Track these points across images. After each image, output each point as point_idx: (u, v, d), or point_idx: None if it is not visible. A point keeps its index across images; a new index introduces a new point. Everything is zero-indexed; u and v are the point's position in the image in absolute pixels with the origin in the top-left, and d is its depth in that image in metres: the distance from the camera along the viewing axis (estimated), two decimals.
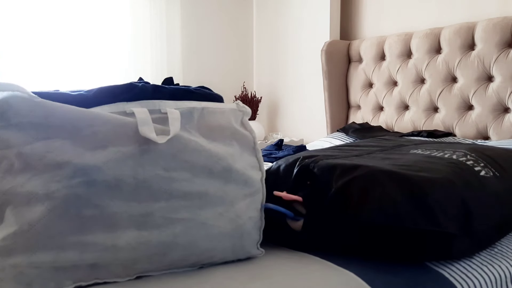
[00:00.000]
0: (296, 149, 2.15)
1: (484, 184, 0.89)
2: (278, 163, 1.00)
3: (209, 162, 0.77)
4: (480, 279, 0.82)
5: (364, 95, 2.44)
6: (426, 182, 0.82)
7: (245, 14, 3.15)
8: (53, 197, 0.65)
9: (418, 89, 2.16)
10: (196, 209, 0.75)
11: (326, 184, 0.85)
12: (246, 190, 0.82)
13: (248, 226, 0.81)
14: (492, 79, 1.90)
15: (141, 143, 0.72)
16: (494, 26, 1.85)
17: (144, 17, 2.66)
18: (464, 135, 1.98)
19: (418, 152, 1.04)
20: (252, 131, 0.89)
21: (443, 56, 2.04)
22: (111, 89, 0.77)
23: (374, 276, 0.76)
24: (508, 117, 1.85)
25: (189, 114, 0.80)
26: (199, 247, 0.75)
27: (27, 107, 0.67)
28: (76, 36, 2.47)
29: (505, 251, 0.92)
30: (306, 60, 2.77)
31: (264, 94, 3.12)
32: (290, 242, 0.90)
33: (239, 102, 0.90)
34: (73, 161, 0.67)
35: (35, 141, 0.66)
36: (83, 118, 0.70)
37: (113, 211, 0.68)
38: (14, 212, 0.65)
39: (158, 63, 2.73)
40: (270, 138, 2.93)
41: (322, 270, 0.78)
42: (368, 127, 2.21)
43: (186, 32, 2.89)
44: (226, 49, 3.09)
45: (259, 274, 0.76)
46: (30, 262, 0.64)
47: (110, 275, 0.69)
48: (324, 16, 2.61)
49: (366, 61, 2.42)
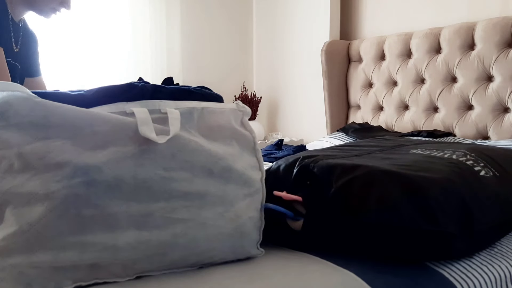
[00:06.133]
0: (296, 149, 2.15)
1: (484, 184, 0.89)
2: (278, 163, 0.99)
3: (209, 162, 0.77)
4: (480, 279, 0.82)
5: (364, 95, 2.44)
6: (426, 182, 0.82)
7: (245, 14, 3.15)
8: (53, 197, 0.65)
9: (418, 89, 2.16)
10: (196, 209, 0.75)
11: (326, 184, 0.85)
12: (246, 190, 0.82)
13: (248, 226, 0.81)
14: (492, 79, 1.90)
15: (141, 143, 0.72)
16: (494, 26, 1.85)
17: (144, 17, 2.66)
18: (464, 135, 1.98)
19: (418, 152, 1.04)
20: (252, 131, 0.89)
21: (443, 56, 2.04)
22: (111, 89, 0.77)
23: (374, 276, 0.76)
24: (508, 117, 1.85)
25: (189, 114, 0.80)
26: (199, 247, 0.75)
27: (27, 107, 0.67)
28: (76, 36, 2.47)
29: (505, 251, 0.92)
30: (306, 60, 2.77)
31: (264, 94, 3.12)
32: (290, 242, 0.90)
33: (239, 102, 0.89)
34: (73, 161, 0.67)
35: (35, 141, 0.66)
36: (83, 118, 0.70)
37: (113, 211, 0.68)
38: (14, 212, 0.65)
39: (158, 63, 2.73)
40: (270, 138, 2.93)
41: (322, 270, 0.78)
42: (368, 127, 2.21)
43: (186, 32, 2.89)
44: (226, 49, 3.09)
45: (259, 274, 0.76)
46: (30, 262, 0.64)
47: (110, 275, 0.69)
48: (324, 16, 2.61)
49: (366, 61, 2.42)
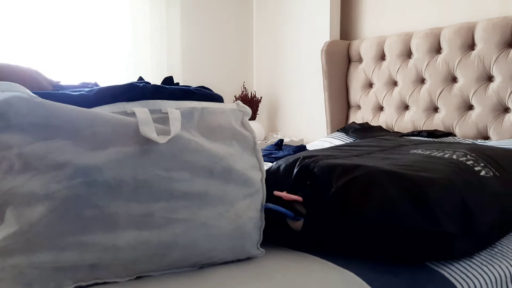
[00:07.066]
0: (296, 149, 2.15)
1: (484, 184, 0.89)
2: (278, 163, 1.00)
3: (209, 162, 0.77)
4: (480, 279, 0.82)
5: (364, 95, 2.44)
6: (426, 182, 0.82)
7: (245, 14, 3.15)
8: (54, 197, 0.65)
9: (418, 89, 2.16)
10: (196, 209, 0.75)
11: (326, 184, 0.85)
12: (246, 190, 0.82)
13: (248, 226, 0.81)
14: (492, 79, 1.90)
15: (141, 143, 0.72)
16: (494, 26, 1.85)
17: (144, 17, 2.66)
18: (464, 135, 1.98)
19: (418, 152, 1.04)
20: (252, 131, 0.89)
21: (443, 56, 2.04)
22: (111, 89, 0.77)
23: (374, 276, 0.76)
24: (508, 117, 1.85)
25: (189, 114, 0.80)
26: (199, 247, 0.75)
27: (28, 107, 0.67)
28: (76, 36, 2.47)
29: (505, 251, 0.92)
30: (306, 60, 2.77)
31: (264, 94, 3.12)
32: (290, 242, 0.90)
33: (239, 102, 0.90)
34: (74, 161, 0.67)
35: (35, 141, 0.66)
36: (84, 118, 0.70)
37: (113, 211, 0.68)
38: (15, 212, 0.65)
39: (158, 63, 2.73)
40: (270, 138, 2.93)
41: (322, 270, 0.78)
42: (368, 127, 2.21)
43: (186, 32, 2.89)
44: (226, 49, 3.09)
45: (259, 274, 0.76)
46: (30, 263, 0.64)
47: (110, 275, 0.69)
48: (324, 16, 2.61)
49: (366, 61, 2.42)
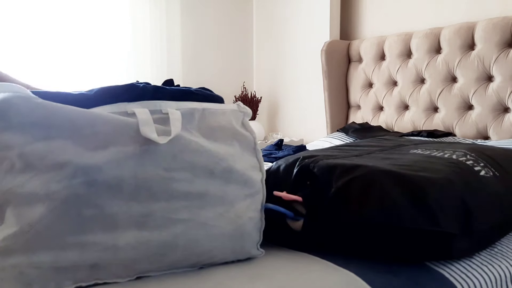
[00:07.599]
0: (296, 149, 2.15)
1: (484, 184, 0.89)
2: (278, 163, 1.00)
3: (209, 162, 0.77)
4: (480, 279, 0.82)
5: (364, 95, 2.44)
6: (426, 182, 0.82)
7: (245, 14, 3.15)
8: (54, 197, 0.65)
9: (418, 89, 2.16)
10: (196, 209, 0.75)
11: (326, 184, 0.85)
12: (247, 191, 0.82)
13: (248, 227, 0.81)
14: (492, 79, 1.90)
15: (142, 143, 0.72)
16: (494, 26, 1.85)
17: (144, 17, 2.66)
18: (464, 135, 1.98)
19: (418, 152, 1.04)
20: (252, 132, 0.89)
21: (443, 56, 2.04)
22: (112, 89, 0.77)
23: (374, 276, 0.76)
24: (508, 117, 1.85)
25: (190, 114, 0.80)
26: (199, 247, 0.75)
27: (28, 107, 0.67)
28: (76, 36, 2.47)
29: (505, 251, 0.92)
30: (306, 60, 2.77)
31: (264, 94, 3.13)
32: (290, 242, 0.90)
33: (240, 103, 0.90)
34: (74, 161, 0.67)
35: (36, 141, 0.66)
36: (84, 118, 0.70)
37: (113, 211, 0.68)
38: (15, 212, 0.65)
39: (158, 63, 2.73)
40: (270, 138, 2.93)
41: (322, 270, 0.78)
42: (368, 127, 2.21)
43: (186, 32, 2.89)
44: (226, 49, 3.09)
45: (259, 274, 0.76)
46: (30, 262, 0.64)
47: (110, 276, 0.69)
48: (324, 16, 2.61)
49: (366, 61, 2.42)
